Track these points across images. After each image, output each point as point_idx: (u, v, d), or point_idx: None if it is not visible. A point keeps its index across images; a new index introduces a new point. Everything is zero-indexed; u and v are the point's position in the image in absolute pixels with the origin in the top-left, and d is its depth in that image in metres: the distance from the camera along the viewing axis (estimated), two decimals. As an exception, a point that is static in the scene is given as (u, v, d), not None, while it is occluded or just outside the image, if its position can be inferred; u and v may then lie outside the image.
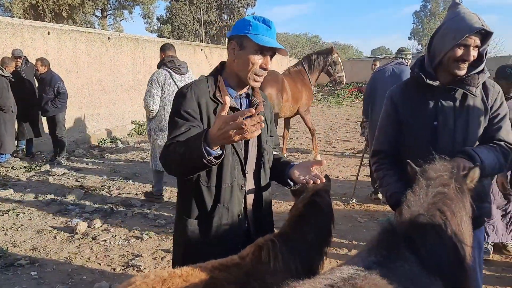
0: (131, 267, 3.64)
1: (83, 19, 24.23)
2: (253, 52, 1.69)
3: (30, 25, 8.56)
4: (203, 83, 1.78)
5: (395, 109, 2.07)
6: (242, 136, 1.37)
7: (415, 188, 1.43)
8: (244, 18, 1.75)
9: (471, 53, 1.81)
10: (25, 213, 4.97)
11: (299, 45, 45.45)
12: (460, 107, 1.92)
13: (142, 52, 11.69)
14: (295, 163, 1.91)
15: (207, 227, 1.77)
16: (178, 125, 1.67)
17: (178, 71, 5.00)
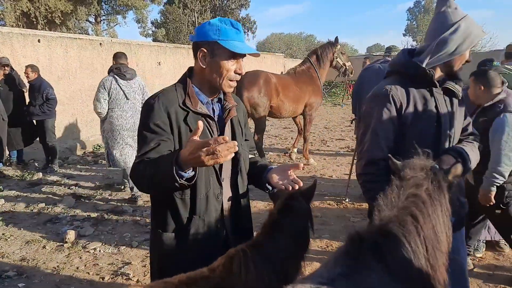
0: (120, 275, 3.60)
1: (76, 25, 24.18)
2: (226, 58, 1.65)
3: (20, 33, 8.52)
4: (171, 91, 1.71)
5: (397, 111, 1.85)
6: (215, 160, 1.37)
7: (387, 190, 1.38)
8: (209, 22, 1.67)
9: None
10: (15, 223, 4.92)
11: (294, 44, 45.44)
12: (451, 106, 1.93)
13: (135, 56, 11.64)
14: (272, 167, 1.86)
15: (184, 240, 1.71)
16: (147, 140, 1.62)
17: (124, 77, 5.46)
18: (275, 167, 1.85)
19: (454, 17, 1.82)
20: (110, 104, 5.37)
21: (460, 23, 1.80)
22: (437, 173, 1.45)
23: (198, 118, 1.67)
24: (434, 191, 1.38)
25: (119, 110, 5.41)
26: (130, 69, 5.63)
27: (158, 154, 1.59)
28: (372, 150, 1.87)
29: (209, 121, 1.71)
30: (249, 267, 1.44)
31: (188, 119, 1.66)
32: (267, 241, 1.53)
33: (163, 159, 1.51)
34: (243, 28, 1.81)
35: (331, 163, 7.63)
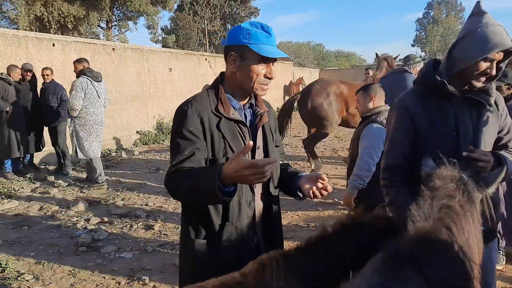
0: (136, 280, 3.58)
1: (88, 30, 24.42)
2: (256, 62, 1.63)
3: (35, 36, 8.61)
4: (203, 97, 1.70)
5: (412, 120, 1.90)
6: (260, 180, 1.40)
7: (419, 201, 1.35)
8: (240, 26, 1.66)
9: (494, 68, 1.76)
10: (29, 225, 4.93)
11: (302, 53, 45.53)
12: (477, 117, 1.87)
13: (147, 62, 11.72)
14: (303, 174, 1.84)
15: (216, 247, 1.69)
16: (180, 148, 1.61)
17: (96, 79, 6.44)
18: (305, 174, 1.84)
19: (473, 24, 1.79)
20: (84, 102, 6.27)
21: (472, 30, 1.76)
22: (467, 184, 1.41)
23: (230, 124, 1.67)
24: (465, 202, 1.35)
25: (92, 108, 6.38)
26: (98, 72, 6.62)
27: (193, 163, 1.58)
28: (388, 157, 2.00)
29: (242, 127, 1.70)
30: (280, 276, 1.41)
31: (221, 125, 1.65)
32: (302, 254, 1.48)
33: (204, 173, 1.49)
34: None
35: (343, 172, 7.57)
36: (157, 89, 12.17)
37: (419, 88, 1.98)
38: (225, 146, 1.65)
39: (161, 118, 12.25)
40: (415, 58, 5.41)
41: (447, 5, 60.87)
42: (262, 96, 1.83)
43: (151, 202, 5.88)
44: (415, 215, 1.31)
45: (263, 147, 1.80)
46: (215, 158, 1.65)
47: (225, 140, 1.65)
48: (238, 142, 1.67)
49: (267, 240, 1.82)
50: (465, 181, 1.41)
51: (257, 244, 1.77)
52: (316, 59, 47.54)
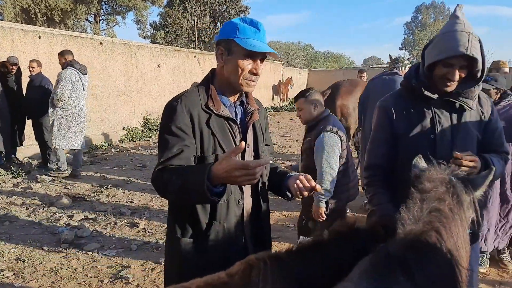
0: (119, 279, 3.52)
1: (75, 24, 24.06)
2: (242, 57, 1.60)
3: (21, 28, 8.43)
4: (193, 93, 1.67)
5: (390, 121, 1.97)
6: (250, 182, 1.39)
7: (408, 203, 1.34)
8: (231, 21, 1.65)
9: (456, 74, 1.76)
10: (10, 221, 4.82)
11: (292, 53, 45.62)
12: (457, 120, 1.88)
13: (135, 57, 11.59)
14: (292, 174, 1.81)
15: (203, 246, 1.66)
16: (169, 144, 1.58)
17: (83, 71, 6.58)
18: (294, 174, 1.81)
19: (442, 28, 1.85)
20: (70, 94, 6.38)
21: (440, 32, 1.82)
22: (456, 186, 1.41)
23: (221, 121, 1.65)
24: (454, 206, 1.35)
25: (77, 100, 6.51)
26: (83, 65, 6.76)
27: (182, 161, 1.56)
28: (369, 157, 2.08)
29: (232, 124, 1.68)
30: (267, 278, 1.39)
31: (210, 122, 1.62)
32: (293, 257, 1.45)
33: (193, 173, 1.47)
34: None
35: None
36: (144, 85, 12.05)
37: (402, 91, 2.02)
38: (214, 143, 1.63)
39: (148, 114, 12.13)
40: (404, 61, 5.45)
41: (435, 10, 61.69)
42: (250, 93, 1.81)
43: (136, 199, 5.80)
44: (405, 217, 1.30)
45: (253, 145, 1.78)
46: (203, 156, 1.62)
47: (214, 137, 1.62)
48: (228, 140, 1.65)
49: (256, 240, 1.80)
50: (454, 184, 1.40)
51: (245, 244, 1.75)
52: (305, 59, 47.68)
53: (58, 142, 6.56)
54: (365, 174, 2.09)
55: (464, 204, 1.38)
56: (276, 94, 22.15)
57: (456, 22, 1.78)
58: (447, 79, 1.79)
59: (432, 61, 1.78)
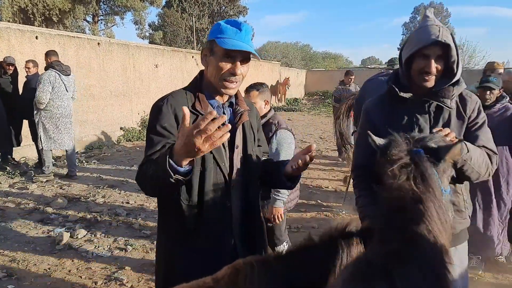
0: (113, 280, 3.51)
1: (74, 24, 24.01)
2: (220, 56, 1.59)
3: (18, 28, 8.41)
4: (180, 94, 1.68)
5: (371, 124, 2.00)
6: (210, 144, 1.26)
7: (378, 207, 1.30)
8: (217, 22, 1.66)
9: (432, 65, 1.79)
10: (5, 222, 4.80)
11: (290, 54, 45.58)
12: (435, 120, 1.89)
13: (133, 58, 11.57)
14: (288, 161, 1.78)
15: (190, 248, 1.65)
16: (153, 142, 1.58)
17: (65, 72, 6.55)
18: (290, 159, 1.78)
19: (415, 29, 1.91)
20: (52, 95, 6.38)
21: (412, 33, 1.89)
22: (419, 162, 1.29)
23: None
24: (419, 189, 1.24)
25: (59, 101, 6.50)
26: (67, 65, 6.74)
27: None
28: (354, 158, 2.13)
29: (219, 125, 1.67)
30: (254, 283, 1.37)
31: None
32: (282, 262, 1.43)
33: (161, 155, 1.44)
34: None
35: (327, 174, 7.61)
36: (142, 86, 12.03)
37: (384, 94, 2.06)
38: None
39: (146, 114, 12.10)
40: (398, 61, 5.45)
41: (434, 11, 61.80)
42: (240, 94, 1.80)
43: (132, 200, 5.80)
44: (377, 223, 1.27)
45: (243, 146, 1.77)
46: None
47: None
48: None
49: (247, 243, 1.78)
50: (417, 159, 1.30)
51: (235, 247, 1.73)
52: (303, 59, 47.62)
53: (45, 143, 6.55)
54: (353, 175, 2.13)
55: (432, 179, 1.28)
56: (273, 94, 22.12)
57: (426, 20, 1.86)
58: (425, 72, 1.80)
59: (408, 55, 1.82)
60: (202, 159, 1.61)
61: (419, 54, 1.80)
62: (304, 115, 18.78)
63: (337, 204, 5.69)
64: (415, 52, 1.80)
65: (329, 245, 1.42)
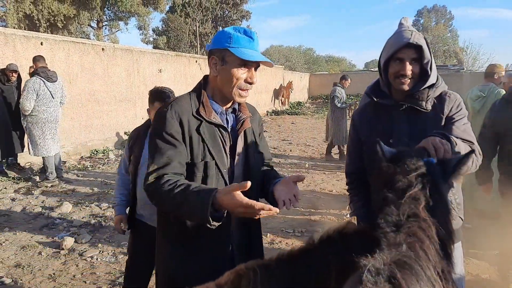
0: (117, 285, 3.52)
1: (78, 30, 24.19)
2: (236, 66, 1.62)
3: (23, 35, 8.48)
4: (184, 99, 1.69)
5: (356, 131, 2.09)
6: (251, 217, 1.46)
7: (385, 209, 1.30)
8: (223, 30, 1.67)
9: (407, 68, 1.82)
10: (10, 227, 4.83)
11: (293, 57, 45.68)
12: (412, 123, 1.91)
13: (137, 63, 11.63)
14: (280, 178, 1.78)
15: (190, 254, 1.66)
16: (161, 151, 1.60)
17: (50, 79, 6.58)
18: (281, 179, 1.78)
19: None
20: (37, 102, 6.42)
21: (388, 40, 1.93)
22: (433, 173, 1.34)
23: (211, 127, 1.66)
24: (432, 199, 1.28)
25: (44, 106, 6.54)
26: (53, 72, 6.77)
27: (175, 169, 1.58)
28: (346, 165, 2.20)
29: (222, 131, 1.69)
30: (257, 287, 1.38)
31: (201, 129, 1.63)
32: (283, 265, 1.44)
33: (196, 195, 1.47)
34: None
35: (330, 177, 7.60)
36: (146, 90, 11.97)
37: (367, 102, 2.13)
38: (204, 150, 1.64)
39: (150, 119, 12.13)
40: None
41: (437, 13, 61.67)
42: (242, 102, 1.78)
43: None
44: (385, 228, 1.27)
45: (244, 153, 1.77)
46: (193, 162, 1.63)
47: (204, 144, 1.63)
48: (218, 146, 1.66)
49: (244, 249, 1.77)
50: (430, 170, 1.34)
51: (232, 253, 1.73)
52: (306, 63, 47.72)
53: (34, 151, 6.62)
54: (346, 182, 2.23)
55: (444, 193, 1.34)
56: (277, 98, 22.15)
57: (401, 27, 1.92)
58: (400, 75, 1.84)
59: (384, 60, 1.87)
60: (204, 165, 1.63)
61: (394, 58, 1.85)
62: (307, 119, 18.78)
63: (341, 207, 5.67)
64: (390, 57, 1.85)
65: (328, 246, 1.44)
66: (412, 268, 1.11)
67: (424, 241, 1.19)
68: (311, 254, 1.44)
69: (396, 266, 1.10)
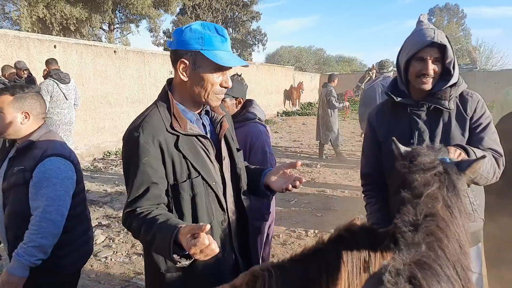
0: (131, 285, 3.55)
1: (90, 32, 24.46)
2: (210, 71, 1.47)
3: (37, 38, 8.61)
4: (155, 115, 1.50)
5: (373, 132, 2.05)
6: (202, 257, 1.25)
7: (402, 210, 1.29)
8: (190, 28, 1.47)
9: (430, 67, 1.80)
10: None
11: (303, 58, 45.60)
12: (434, 122, 1.88)
13: (148, 65, 11.72)
14: (268, 169, 1.73)
15: (188, 274, 1.54)
16: (135, 182, 1.45)
17: (63, 81, 6.65)
18: (270, 169, 1.72)
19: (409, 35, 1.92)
20: (51, 104, 6.49)
21: (407, 38, 1.90)
22: (450, 172, 1.33)
23: (190, 140, 1.52)
24: (450, 199, 1.27)
25: (58, 108, 6.62)
26: (66, 73, 6.84)
27: (149, 201, 1.46)
28: (362, 166, 2.15)
29: (203, 140, 1.56)
30: None
31: (179, 144, 1.49)
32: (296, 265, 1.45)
33: (161, 231, 1.33)
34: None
35: (342, 178, 7.56)
36: (157, 92, 11.73)
37: (384, 102, 2.11)
38: (188, 167, 1.51)
39: (161, 121, 12.21)
40: (388, 66, 5.47)
41: (449, 12, 60.97)
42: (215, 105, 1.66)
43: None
44: (403, 228, 1.26)
45: (229, 156, 1.69)
46: (177, 183, 1.50)
47: (186, 160, 1.50)
48: (201, 159, 1.54)
49: (245, 253, 1.73)
50: (447, 170, 1.34)
51: (236, 261, 1.68)
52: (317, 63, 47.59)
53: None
54: (361, 184, 2.18)
55: (460, 192, 1.32)
56: (287, 99, 22.12)
57: (420, 25, 1.88)
58: (422, 74, 1.81)
59: (406, 59, 1.84)
60: (191, 183, 1.51)
61: (416, 57, 1.82)
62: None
63: (354, 208, 5.64)
64: (412, 56, 1.82)
65: (338, 245, 1.45)
66: (432, 268, 1.10)
67: (443, 240, 1.19)
68: (323, 253, 1.45)
69: (416, 267, 1.09)
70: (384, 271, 1.12)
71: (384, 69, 5.72)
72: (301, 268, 1.43)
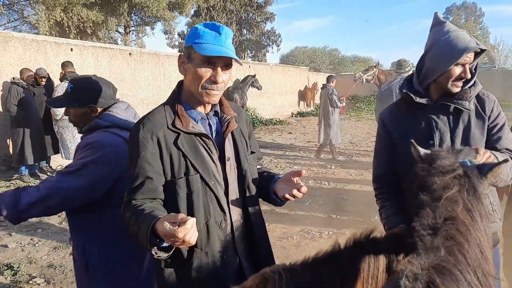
0: (146, 286, 3.55)
1: (106, 35, 24.79)
2: (199, 63, 1.47)
3: (54, 41, 8.76)
4: (158, 112, 1.55)
5: (388, 133, 1.99)
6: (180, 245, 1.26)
7: (421, 212, 1.25)
8: (195, 26, 1.52)
9: (468, 71, 1.79)
10: (43, 228, 4.97)
11: (318, 58, 45.40)
12: (455, 123, 1.86)
13: (163, 67, 11.82)
14: (279, 176, 1.69)
15: (186, 276, 1.53)
16: (133, 175, 1.50)
17: None
18: (280, 177, 1.69)
19: (436, 35, 1.84)
20: None
21: (436, 40, 1.82)
22: (470, 175, 1.30)
23: (191, 138, 1.52)
24: (470, 202, 1.24)
25: None
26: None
27: (144, 195, 1.48)
28: (374, 169, 2.10)
29: (205, 140, 1.54)
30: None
31: (179, 142, 1.50)
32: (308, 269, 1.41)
33: (143, 222, 1.35)
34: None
35: (357, 179, 7.47)
36: None
37: (399, 102, 2.06)
38: (186, 165, 1.51)
39: (176, 122, 12.28)
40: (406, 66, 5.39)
41: (466, 10, 59.96)
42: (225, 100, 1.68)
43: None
44: (421, 231, 1.22)
45: (235, 156, 1.64)
46: (173, 180, 1.51)
47: (185, 158, 1.50)
48: (202, 158, 1.53)
49: (252, 257, 1.68)
50: (468, 172, 1.30)
51: (240, 265, 1.63)
52: (331, 64, 47.32)
53: (66, 154, 6.80)
54: (374, 186, 2.11)
55: (481, 196, 1.28)
56: (302, 99, 22.04)
57: (444, 26, 1.83)
58: (461, 78, 1.79)
59: (449, 67, 1.76)
60: (187, 180, 1.51)
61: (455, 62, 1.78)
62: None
63: (369, 210, 5.56)
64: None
65: (354, 251, 1.42)
66: (451, 273, 1.06)
67: (463, 244, 1.15)
68: (337, 259, 1.42)
69: (434, 271, 1.05)
70: (401, 276, 1.09)
71: (401, 69, 5.64)
72: (314, 272, 1.39)
